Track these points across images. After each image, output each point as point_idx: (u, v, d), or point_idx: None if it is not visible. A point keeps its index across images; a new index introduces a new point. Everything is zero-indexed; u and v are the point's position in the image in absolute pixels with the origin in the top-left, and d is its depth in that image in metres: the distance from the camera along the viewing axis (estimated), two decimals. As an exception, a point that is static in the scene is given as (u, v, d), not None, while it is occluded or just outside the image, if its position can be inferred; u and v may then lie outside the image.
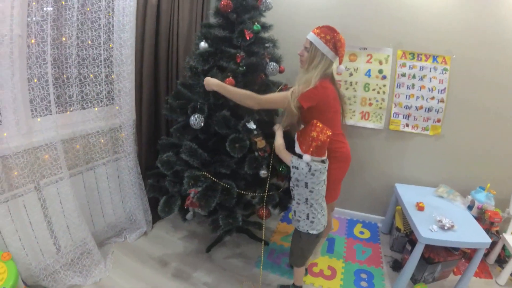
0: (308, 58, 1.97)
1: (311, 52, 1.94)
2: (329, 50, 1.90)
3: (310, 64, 1.95)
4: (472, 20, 2.46)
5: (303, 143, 1.84)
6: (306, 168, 1.82)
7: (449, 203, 2.58)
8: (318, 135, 1.78)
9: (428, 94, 2.66)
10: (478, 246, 2.19)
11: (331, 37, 1.88)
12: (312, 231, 1.99)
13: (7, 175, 1.87)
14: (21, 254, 1.96)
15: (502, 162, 2.72)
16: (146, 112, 2.60)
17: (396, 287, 2.33)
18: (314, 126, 1.80)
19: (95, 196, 2.47)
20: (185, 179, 2.09)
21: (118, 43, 2.29)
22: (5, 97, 1.77)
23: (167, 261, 2.51)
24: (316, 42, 1.90)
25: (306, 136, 1.82)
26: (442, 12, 2.50)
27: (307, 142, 1.81)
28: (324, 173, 1.90)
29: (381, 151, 2.93)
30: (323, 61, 1.92)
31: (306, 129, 1.86)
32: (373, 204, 3.17)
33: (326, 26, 1.93)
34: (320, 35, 1.90)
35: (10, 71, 1.74)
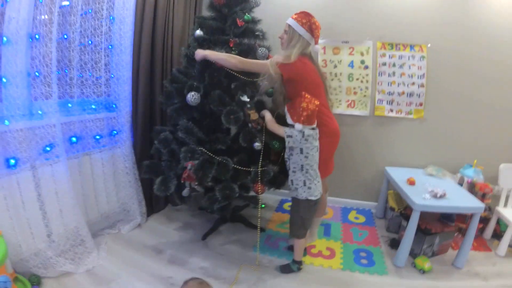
0: (287, 39, 2.17)
1: (289, 34, 2.15)
2: (305, 31, 2.10)
3: (288, 43, 2.15)
4: (445, 12, 2.75)
5: (293, 114, 1.98)
6: (300, 134, 1.94)
7: (439, 180, 2.66)
8: (308, 105, 1.92)
9: (408, 80, 2.87)
10: (472, 210, 2.27)
11: (307, 20, 2.10)
12: (310, 197, 2.04)
13: (4, 149, 1.87)
14: (11, 234, 1.89)
15: (485, 140, 2.89)
16: (142, 102, 2.68)
17: (397, 259, 2.34)
18: (303, 97, 1.95)
19: (89, 183, 2.45)
20: (182, 154, 2.13)
21: (117, 34, 2.43)
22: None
23: (162, 249, 2.45)
24: (294, 25, 2.12)
25: (296, 107, 1.96)
26: (417, 6, 2.80)
27: (297, 112, 1.94)
28: (316, 139, 2.02)
29: (369, 137, 3.05)
30: (300, 41, 2.11)
31: (295, 101, 2.00)
32: (365, 190, 3.24)
33: (303, 12, 2.15)
34: (297, 20, 2.12)
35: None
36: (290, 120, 2.01)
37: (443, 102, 2.89)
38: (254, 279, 2.17)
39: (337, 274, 2.26)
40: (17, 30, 1.79)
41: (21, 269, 1.94)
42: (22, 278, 1.86)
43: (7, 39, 1.78)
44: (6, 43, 1.79)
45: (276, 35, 2.78)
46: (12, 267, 1.84)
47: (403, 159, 3.04)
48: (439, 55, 2.82)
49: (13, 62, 1.82)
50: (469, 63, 2.79)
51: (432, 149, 2.99)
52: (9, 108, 1.86)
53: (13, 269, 1.84)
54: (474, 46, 2.75)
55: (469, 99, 2.85)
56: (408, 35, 2.83)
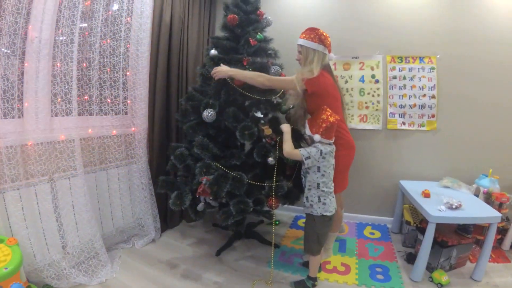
0: (303, 58, 2.26)
1: (304, 52, 2.23)
2: (317, 44, 2.18)
3: (305, 60, 2.23)
4: (453, 22, 2.79)
5: (313, 125, 2.02)
6: (318, 153, 1.97)
7: (454, 191, 2.62)
8: (328, 117, 1.97)
9: (419, 92, 2.88)
10: (488, 220, 2.21)
11: (315, 34, 2.20)
12: (325, 212, 2.04)
13: (24, 162, 1.94)
14: (27, 244, 1.95)
15: (500, 149, 2.85)
16: (158, 119, 2.76)
17: (413, 273, 2.28)
18: (324, 110, 2.00)
19: (106, 198, 2.51)
20: (197, 169, 2.18)
21: (135, 54, 2.54)
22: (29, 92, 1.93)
23: (176, 263, 2.45)
24: (305, 42, 2.21)
25: (316, 119, 2.01)
26: (424, 18, 2.85)
27: (317, 124, 1.99)
28: (332, 156, 2.05)
29: (382, 150, 3.04)
30: (316, 54, 2.19)
31: (316, 114, 2.05)
32: (380, 205, 3.20)
33: (308, 28, 2.25)
34: (305, 37, 2.22)
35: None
36: (309, 132, 2.04)
37: (455, 112, 2.88)
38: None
39: (353, 289, 2.21)
40: (39, 49, 1.91)
41: (35, 279, 1.98)
42: (35, 287, 1.89)
43: (30, 57, 1.89)
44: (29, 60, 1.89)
45: (288, 53, 2.91)
46: (26, 276, 1.88)
47: (417, 172, 3.01)
48: (449, 65, 2.84)
49: (35, 79, 1.92)
50: (479, 71, 2.79)
51: (447, 160, 2.96)
52: (31, 122, 1.95)
53: (26, 278, 1.87)
54: (483, 54, 2.77)
55: (481, 108, 2.83)
56: (417, 47, 2.87)
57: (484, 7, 2.75)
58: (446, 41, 2.83)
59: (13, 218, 1.89)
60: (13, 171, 1.87)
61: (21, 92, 1.93)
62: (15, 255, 1.70)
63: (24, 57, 1.90)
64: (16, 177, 1.89)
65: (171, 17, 2.75)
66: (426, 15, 2.85)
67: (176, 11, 2.78)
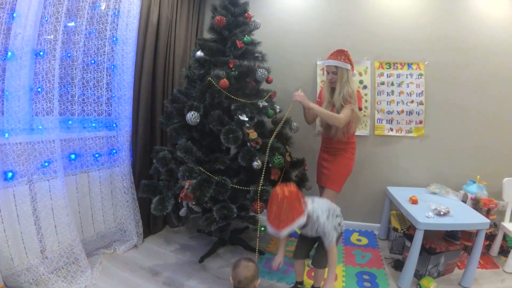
0: (338, 78, 2.41)
1: (339, 72, 2.40)
2: (347, 64, 2.39)
3: (341, 81, 2.40)
4: (441, 29, 2.82)
5: (296, 208, 1.73)
6: (334, 231, 1.87)
7: (442, 198, 2.61)
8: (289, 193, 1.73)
9: (407, 98, 2.88)
10: (476, 227, 2.20)
11: (344, 55, 2.40)
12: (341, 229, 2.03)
13: (2, 162, 1.87)
14: (4, 248, 1.88)
15: (487, 155, 2.88)
16: (142, 122, 2.70)
17: (401, 281, 2.24)
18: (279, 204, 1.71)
19: (86, 201, 2.43)
20: (180, 173, 2.13)
21: (120, 53, 2.49)
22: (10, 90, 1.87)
23: (158, 271, 2.36)
24: (339, 64, 2.38)
25: (294, 210, 1.72)
26: (413, 25, 2.88)
27: (294, 202, 1.72)
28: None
29: (370, 157, 3.02)
30: (348, 74, 2.40)
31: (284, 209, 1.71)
32: (367, 212, 3.18)
33: (337, 51, 2.43)
34: (338, 58, 2.39)
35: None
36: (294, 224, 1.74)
37: (443, 119, 2.89)
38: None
39: (340, 297, 2.16)
40: (22, 46, 1.85)
41: (12, 283, 1.91)
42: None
43: (12, 53, 1.83)
44: (10, 57, 1.83)
45: (275, 57, 2.93)
46: (3, 281, 1.81)
47: (405, 178, 3.00)
48: (437, 72, 2.85)
49: (16, 76, 1.86)
50: (467, 78, 2.82)
51: (434, 167, 2.96)
52: (10, 121, 1.88)
53: (4, 282, 1.81)
54: (471, 61, 2.80)
55: (469, 114, 2.85)
56: (405, 53, 2.89)
57: (472, 15, 2.79)
58: (434, 48, 2.85)
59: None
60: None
61: (2, 90, 1.86)
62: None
63: (6, 54, 1.84)
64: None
65: (159, 17, 2.71)
66: (415, 22, 2.87)
67: (164, 12, 2.73)
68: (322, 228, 1.84)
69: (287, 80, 3.10)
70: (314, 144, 2.92)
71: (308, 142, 3.07)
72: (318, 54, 2.99)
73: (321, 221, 1.83)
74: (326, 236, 1.85)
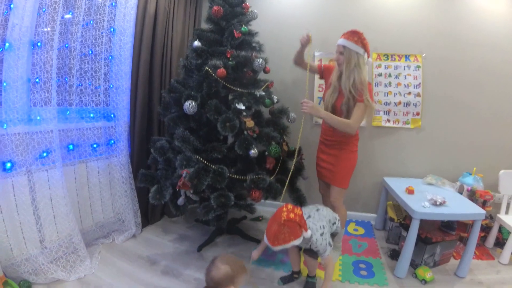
0: (344, 59, 2.20)
1: (346, 54, 2.18)
2: (360, 47, 2.16)
3: (348, 63, 2.18)
4: (440, 24, 2.83)
5: (295, 233, 1.75)
6: (325, 242, 1.89)
7: (438, 189, 2.63)
8: (293, 214, 1.77)
9: (404, 90, 2.89)
10: (472, 217, 2.22)
11: (358, 37, 2.17)
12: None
13: (1, 152, 1.87)
14: (3, 238, 1.89)
15: (483, 148, 2.89)
16: (140, 112, 2.70)
17: (397, 270, 2.28)
18: (281, 211, 1.79)
19: (85, 192, 2.44)
20: (178, 161, 2.14)
21: (118, 44, 2.49)
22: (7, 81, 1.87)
23: (157, 260, 2.39)
24: (348, 44, 2.17)
25: (292, 233, 1.74)
26: (412, 18, 2.87)
27: (293, 226, 1.74)
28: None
29: (367, 147, 3.03)
30: (358, 58, 2.17)
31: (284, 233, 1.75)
32: (364, 202, 3.21)
33: (350, 31, 2.22)
34: (349, 39, 2.18)
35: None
36: (305, 233, 1.79)
37: (440, 111, 2.90)
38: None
39: (336, 285, 2.19)
40: (19, 37, 1.84)
41: (12, 274, 1.91)
42: (11, 282, 1.83)
43: (10, 44, 1.83)
44: (8, 48, 1.83)
45: (273, 48, 2.92)
46: (3, 271, 1.82)
47: (401, 169, 3.02)
48: (435, 64, 2.86)
49: (14, 67, 1.85)
50: (464, 70, 2.82)
51: (431, 158, 2.98)
52: (8, 112, 1.88)
53: (3, 273, 1.81)
54: (468, 54, 2.80)
55: (466, 107, 2.87)
56: (403, 45, 2.88)
57: (471, 10, 2.79)
58: (432, 42, 2.85)
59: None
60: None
61: (0, 81, 1.86)
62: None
63: (4, 45, 1.83)
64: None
65: (156, 8, 2.70)
66: (413, 15, 2.87)
67: (161, 3, 2.72)
68: (315, 245, 1.87)
69: (284, 71, 3.11)
70: (310, 135, 2.93)
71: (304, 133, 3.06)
72: (316, 46, 2.97)
73: (313, 239, 1.85)
74: (321, 252, 1.90)
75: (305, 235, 1.77)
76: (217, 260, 1.53)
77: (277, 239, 1.72)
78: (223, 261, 1.52)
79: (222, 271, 1.47)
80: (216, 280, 1.47)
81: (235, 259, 1.57)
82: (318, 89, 3.05)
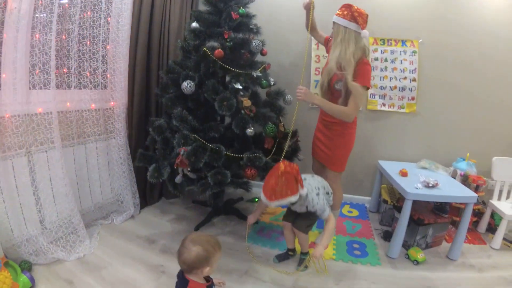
0: (333, 34, 2.16)
1: (335, 29, 2.13)
2: (349, 22, 2.05)
3: (336, 38, 2.12)
4: (436, 6, 2.82)
5: (291, 187, 1.79)
6: (323, 200, 1.94)
7: (431, 172, 2.68)
8: (289, 169, 1.78)
9: (400, 75, 2.91)
10: (464, 200, 2.27)
11: (348, 10, 2.06)
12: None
13: (1, 134, 1.89)
14: (4, 219, 1.92)
15: (477, 134, 2.94)
16: (138, 94, 2.73)
17: (390, 250, 2.34)
18: (276, 169, 1.80)
19: (84, 173, 2.47)
20: (176, 140, 2.17)
21: (115, 26, 2.49)
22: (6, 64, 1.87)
23: (155, 239, 2.45)
24: (337, 19, 2.10)
25: (289, 186, 1.78)
26: (408, 3, 2.86)
27: (288, 182, 1.77)
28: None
29: (362, 131, 3.04)
30: (347, 33, 2.07)
31: (280, 184, 1.77)
32: (359, 185, 3.27)
33: (343, 5, 2.11)
34: (338, 13, 2.10)
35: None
36: (301, 190, 1.84)
37: (435, 96, 2.94)
38: (245, 268, 2.16)
39: (330, 263, 2.24)
40: (18, 19, 1.84)
41: (12, 255, 1.96)
42: (12, 263, 1.86)
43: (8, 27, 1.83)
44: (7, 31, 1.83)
45: (270, 30, 2.94)
46: (4, 252, 1.85)
47: (396, 153, 3.08)
48: (431, 51, 2.87)
49: (13, 50, 1.86)
50: (460, 56, 2.84)
51: (425, 143, 3.03)
52: (8, 94, 1.89)
53: (4, 254, 1.85)
54: (465, 40, 2.82)
55: (461, 93, 2.90)
56: (400, 30, 2.89)
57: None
58: (429, 27, 2.86)
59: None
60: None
61: (-1, 64, 1.87)
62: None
63: (3, 28, 1.83)
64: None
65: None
66: (410, 1, 2.86)
67: (159, -16, 2.72)
68: (312, 205, 1.91)
69: (281, 54, 3.13)
70: (307, 118, 2.95)
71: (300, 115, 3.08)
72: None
73: (310, 198, 1.89)
74: (319, 212, 1.93)
75: (302, 192, 1.82)
76: (187, 241, 1.42)
77: (274, 192, 1.75)
78: (194, 242, 1.40)
79: (193, 253, 1.37)
80: (189, 263, 1.37)
81: (206, 238, 1.46)
82: (315, 73, 3.07)
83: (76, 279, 1.94)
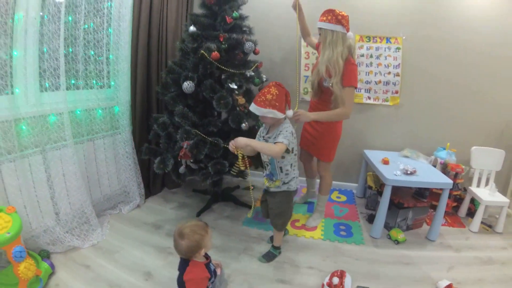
0: (321, 40, 2.34)
1: (322, 34, 2.31)
2: (334, 25, 2.23)
3: (324, 42, 2.30)
4: (419, 4, 2.99)
5: (280, 101, 1.91)
6: (291, 134, 1.96)
7: (413, 161, 2.92)
8: (276, 89, 1.91)
9: (385, 70, 3.12)
10: (440, 186, 2.49)
11: (332, 15, 2.24)
12: (297, 186, 2.18)
13: (18, 135, 2.05)
14: (23, 212, 2.06)
15: (458, 125, 3.17)
16: (140, 92, 2.92)
17: (373, 230, 2.59)
18: (269, 87, 1.94)
19: (93, 167, 2.67)
20: (179, 134, 2.39)
21: (117, 30, 2.66)
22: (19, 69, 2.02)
23: (161, 225, 2.69)
24: (322, 25, 2.28)
25: (278, 99, 1.90)
26: (392, 1, 3.04)
27: (278, 99, 1.89)
28: None
29: (349, 122, 3.13)
30: (335, 35, 2.25)
31: (272, 93, 1.91)
32: (347, 173, 3.51)
33: (325, 10, 2.30)
34: (323, 19, 2.28)
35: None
36: (280, 114, 1.91)
37: (418, 90, 3.14)
38: (242, 247, 2.41)
39: (318, 243, 2.50)
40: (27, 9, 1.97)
41: (32, 245, 2.12)
42: (32, 253, 2.01)
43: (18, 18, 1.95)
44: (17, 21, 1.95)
45: (262, 30, 3.08)
46: (24, 243, 1.96)
47: (380, 143, 3.31)
48: (414, 45, 3.06)
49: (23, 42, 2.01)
50: (441, 52, 3.03)
51: (408, 133, 3.25)
52: (22, 98, 2.08)
53: (24, 245, 1.96)
54: (446, 35, 3.00)
55: (442, 86, 3.10)
56: (385, 27, 3.07)
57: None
58: (412, 21, 3.03)
59: (10, 188, 1.99)
60: (8, 144, 1.96)
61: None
62: (15, 221, 1.79)
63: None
64: (12, 149, 1.98)
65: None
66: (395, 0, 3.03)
67: (156, -13, 2.88)
68: (281, 134, 1.95)
69: (273, 51, 3.32)
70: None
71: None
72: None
73: (284, 127, 1.97)
74: (279, 139, 1.93)
75: (288, 113, 1.98)
76: (176, 236, 1.61)
77: (263, 100, 1.88)
78: (181, 236, 1.59)
79: (183, 246, 1.58)
80: (184, 253, 1.62)
81: (191, 228, 1.62)
82: (304, 69, 3.28)
83: (92, 263, 2.15)
